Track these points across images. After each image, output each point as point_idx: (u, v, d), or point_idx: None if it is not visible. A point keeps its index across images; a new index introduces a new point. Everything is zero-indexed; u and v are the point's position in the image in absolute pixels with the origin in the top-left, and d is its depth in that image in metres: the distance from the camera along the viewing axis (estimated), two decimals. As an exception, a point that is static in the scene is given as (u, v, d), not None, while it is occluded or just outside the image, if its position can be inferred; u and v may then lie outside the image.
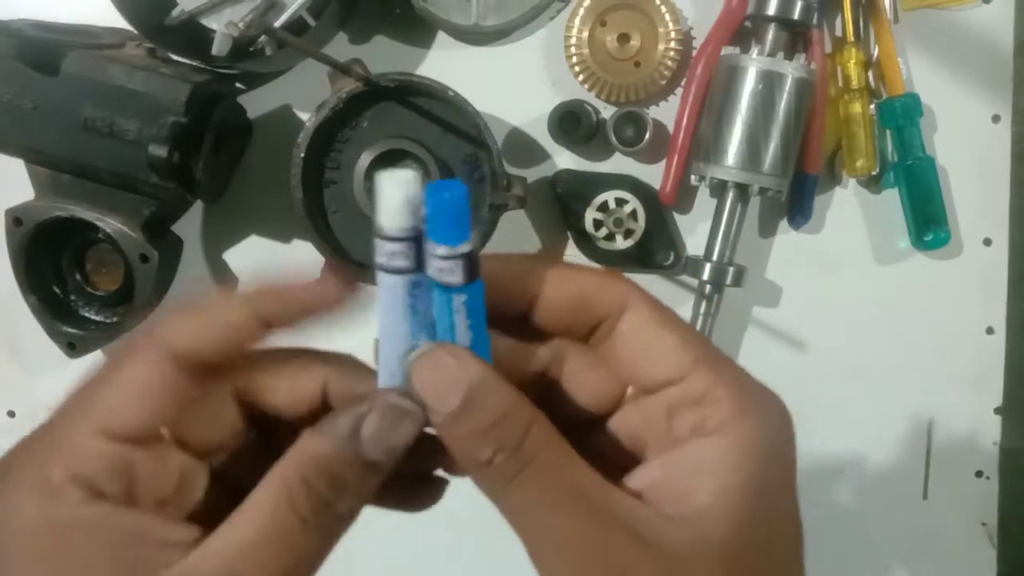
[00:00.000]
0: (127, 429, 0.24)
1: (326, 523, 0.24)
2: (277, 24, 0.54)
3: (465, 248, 0.24)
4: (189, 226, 0.64)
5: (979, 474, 0.65)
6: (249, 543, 0.23)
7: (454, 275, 0.24)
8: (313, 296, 0.26)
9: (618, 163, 0.62)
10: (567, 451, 0.24)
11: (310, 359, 0.27)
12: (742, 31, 0.59)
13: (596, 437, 0.27)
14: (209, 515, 0.24)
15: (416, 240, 0.24)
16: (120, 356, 0.25)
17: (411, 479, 0.29)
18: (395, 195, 0.23)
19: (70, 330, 0.59)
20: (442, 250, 0.23)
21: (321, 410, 0.27)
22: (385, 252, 0.24)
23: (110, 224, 0.56)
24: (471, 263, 0.24)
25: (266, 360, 0.27)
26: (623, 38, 0.59)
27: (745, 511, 0.24)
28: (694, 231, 0.63)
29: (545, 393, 0.27)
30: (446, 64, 0.62)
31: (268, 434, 0.27)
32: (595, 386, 0.28)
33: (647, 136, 0.59)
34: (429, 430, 0.27)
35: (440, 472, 0.29)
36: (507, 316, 0.27)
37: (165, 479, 0.25)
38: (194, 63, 0.56)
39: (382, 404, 0.24)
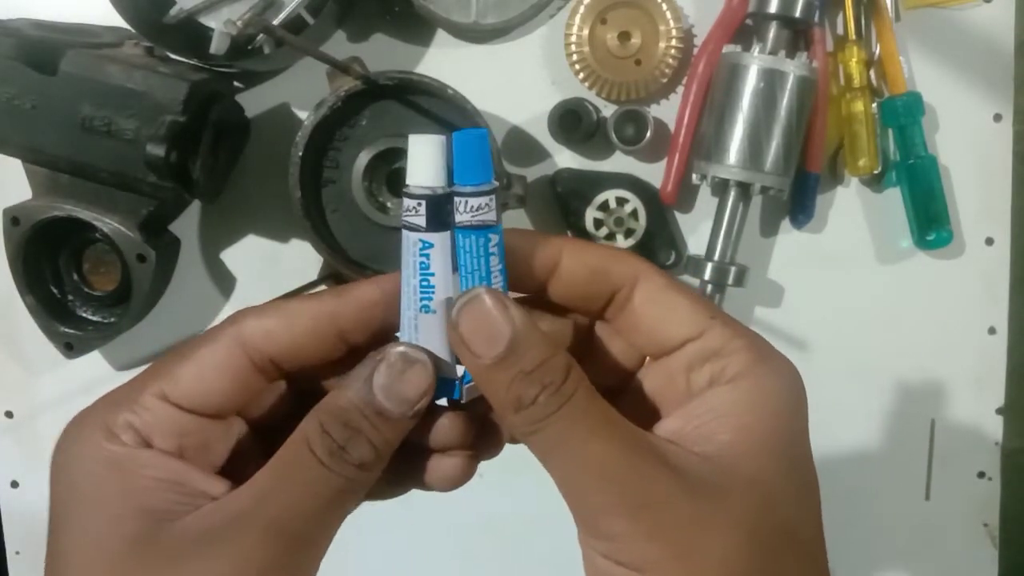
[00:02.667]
0: (184, 401, 0.27)
1: (344, 469, 0.25)
2: (275, 22, 0.54)
3: (494, 184, 0.26)
4: (187, 226, 0.63)
5: (981, 475, 0.65)
6: (271, 484, 0.25)
7: (489, 212, 0.26)
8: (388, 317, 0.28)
9: (619, 162, 0.62)
10: (598, 394, 0.26)
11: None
12: (743, 29, 0.59)
13: (616, 406, 0.29)
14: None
15: (432, 201, 0.26)
16: (201, 339, 0.27)
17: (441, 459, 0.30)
18: (416, 152, 0.26)
19: (68, 330, 0.59)
20: (472, 188, 0.26)
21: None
22: (404, 208, 0.26)
23: (108, 224, 0.56)
24: (498, 202, 0.26)
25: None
26: (624, 36, 0.59)
27: (763, 449, 0.25)
28: (695, 230, 0.63)
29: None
30: (445, 62, 0.62)
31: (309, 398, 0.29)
32: (615, 358, 0.30)
33: (648, 135, 0.59)
34: (442, 403, 0.28)
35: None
36: (525, 291, 0.29)
37: (221, 448, 0.28)
38: (192, 62, 0.56)
39: (391, 355, 0.26)
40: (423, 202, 0.25)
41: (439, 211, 0.26)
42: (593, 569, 0.26)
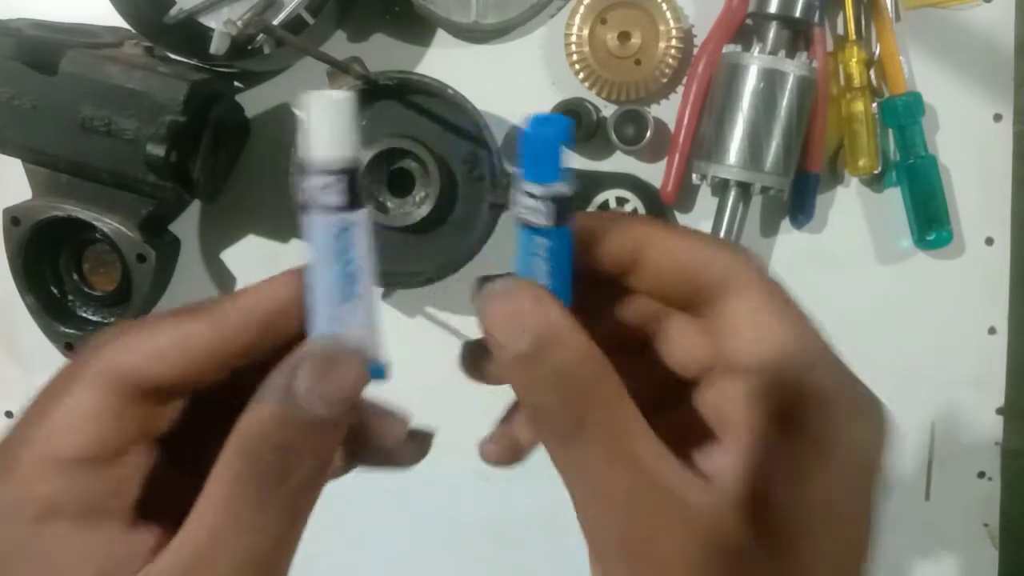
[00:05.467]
0: (73, 454, 0.22)
1: (286, 495, 0.22)
2: (275, 22, 0.54)
3: (555, 189, 0.22)
4: (187, 226, 0.63)
5: (981, 475, 0.65)
6: (209, 532, 0.22)
7: (538, 216, 0.23)
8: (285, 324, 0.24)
9: (619, 162, 0.62)
10: (630, 412, 0.23)
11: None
12: (743, 29, 0.59)
13: (681, 404, 0.26)
14: (185, 508, 0.23)
15: (349, 174, 0.22)
16: (59, 383, 0.23)
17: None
18: (323, 115, 0.22)
19: (68, 330, 0.59)
20: (530, 187, 0.22)
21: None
22: (312, 185, 0.22)
23: (108, 224, 0.56)
24: (560, 206, 0.23)
25: None
26: (624, 36, 0.59)
27: (816, 526, 0.22)
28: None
29: (637, 348, 0.26)
30: (445, 62, 0.62)
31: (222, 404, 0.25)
32: (689, 351, 0.26)
33: (648, 135, 0.59)
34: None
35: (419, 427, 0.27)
36: (600, 275, 0.25)
37: (131, 485, 0.24)
38: (192, 62, 0.56)
39: (309, 354, 0.22)
40: (343, 176, 0.22)
41: (357, 184, 0.22)
42: None
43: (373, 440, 0.26)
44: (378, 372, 0.24)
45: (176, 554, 0.22)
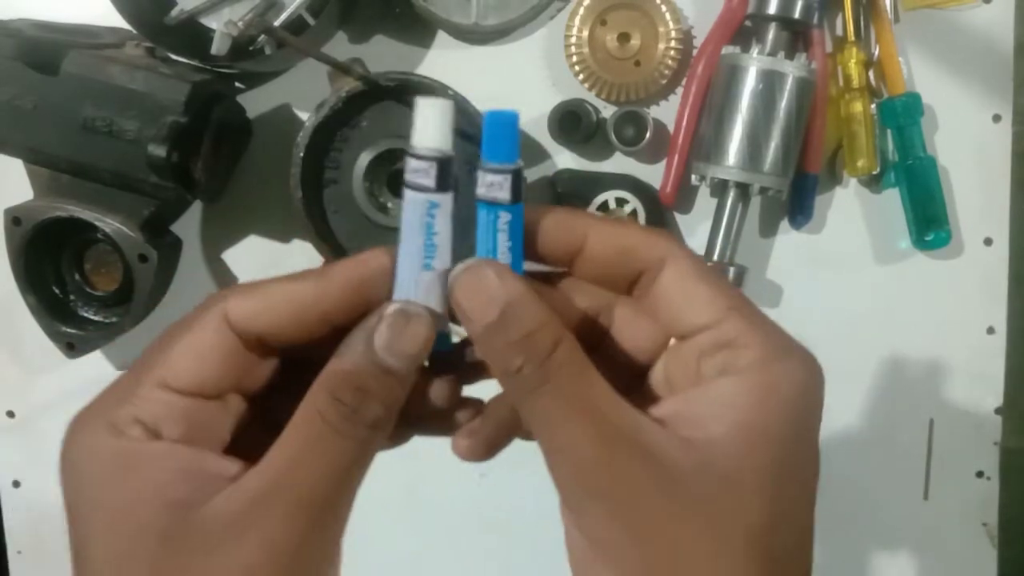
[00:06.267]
0: (183, 385, 0.26)
1: (357, 431, 0.26)
2: (276, 23, 0.54)
3: (515, 166, 0.27)
4: (188, 226, 0.63)
5: (980, 474, 0.65)
6: (288, 460, 0.25)
7: (502, 191, 0.27)
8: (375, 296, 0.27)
9: (618, 163, 0.62)
10: (590, 372, 0.26)
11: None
12: (743, 30, 0.59)
13: (640, 386, 0.29)
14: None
15: (441, 164, 0.26)
16: (187, 320, 0.27)
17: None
18: (427, 115, 0.26)
19: (69, 330, 0.59)
20: (494, 164, 0.26)
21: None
22: (411, 169, 0.26)
23: (109, 224, 0.56)
24: (518, 183, 0.27)
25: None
26: (623, 37, 0.59)
27: (756, 448, 0.25)
28: (695, 231, 0.63)
29: (596, 341, 0.29)
30: (446, 63, 0.62)
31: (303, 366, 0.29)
32: (641, 336, 0.29)
33: (647, 136, 0.59)
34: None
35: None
36: (548, 266, 0.29)
37: (224, 426, 0.28)
38: (193, 63, 0.56)
39: (388, 312, 0.26)
40: (434, 164, 0.26)
41: (447, 173, 0.26)
42: (570, 539, 0.27)
43: (430, 401, 0.29)
44: (444, 341, 0.28)
45: (256, 475, 0.25)
